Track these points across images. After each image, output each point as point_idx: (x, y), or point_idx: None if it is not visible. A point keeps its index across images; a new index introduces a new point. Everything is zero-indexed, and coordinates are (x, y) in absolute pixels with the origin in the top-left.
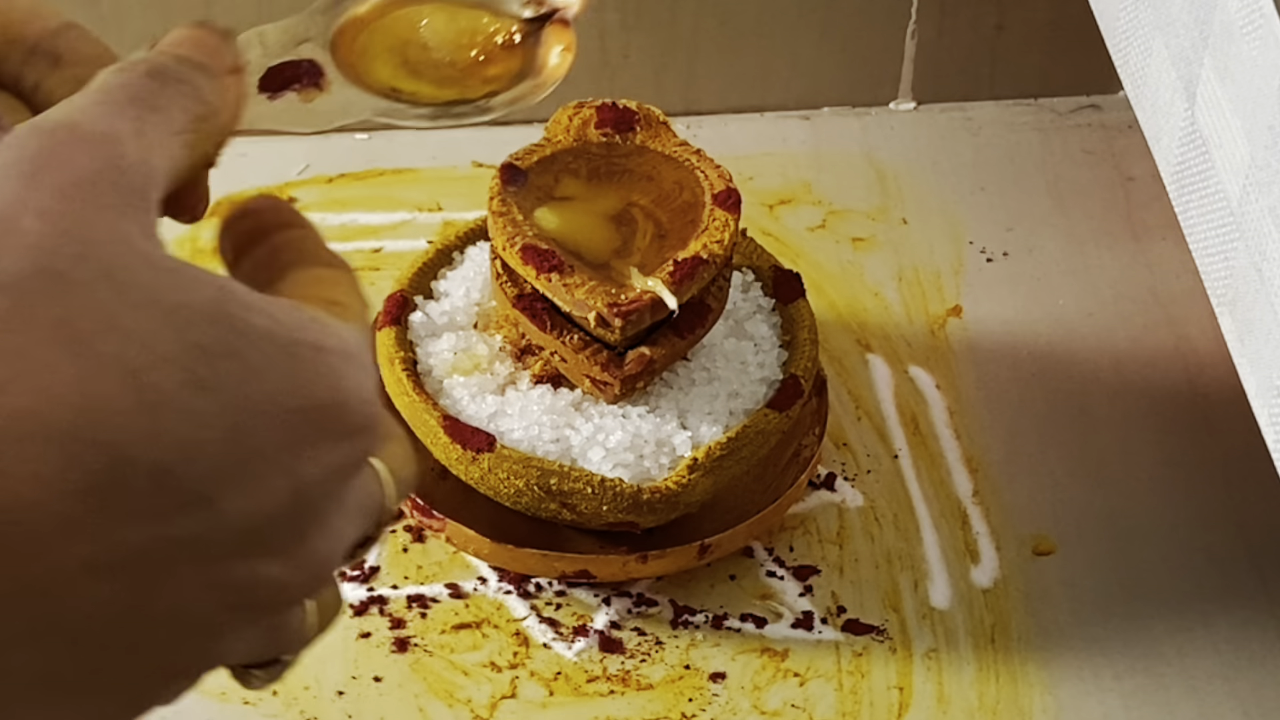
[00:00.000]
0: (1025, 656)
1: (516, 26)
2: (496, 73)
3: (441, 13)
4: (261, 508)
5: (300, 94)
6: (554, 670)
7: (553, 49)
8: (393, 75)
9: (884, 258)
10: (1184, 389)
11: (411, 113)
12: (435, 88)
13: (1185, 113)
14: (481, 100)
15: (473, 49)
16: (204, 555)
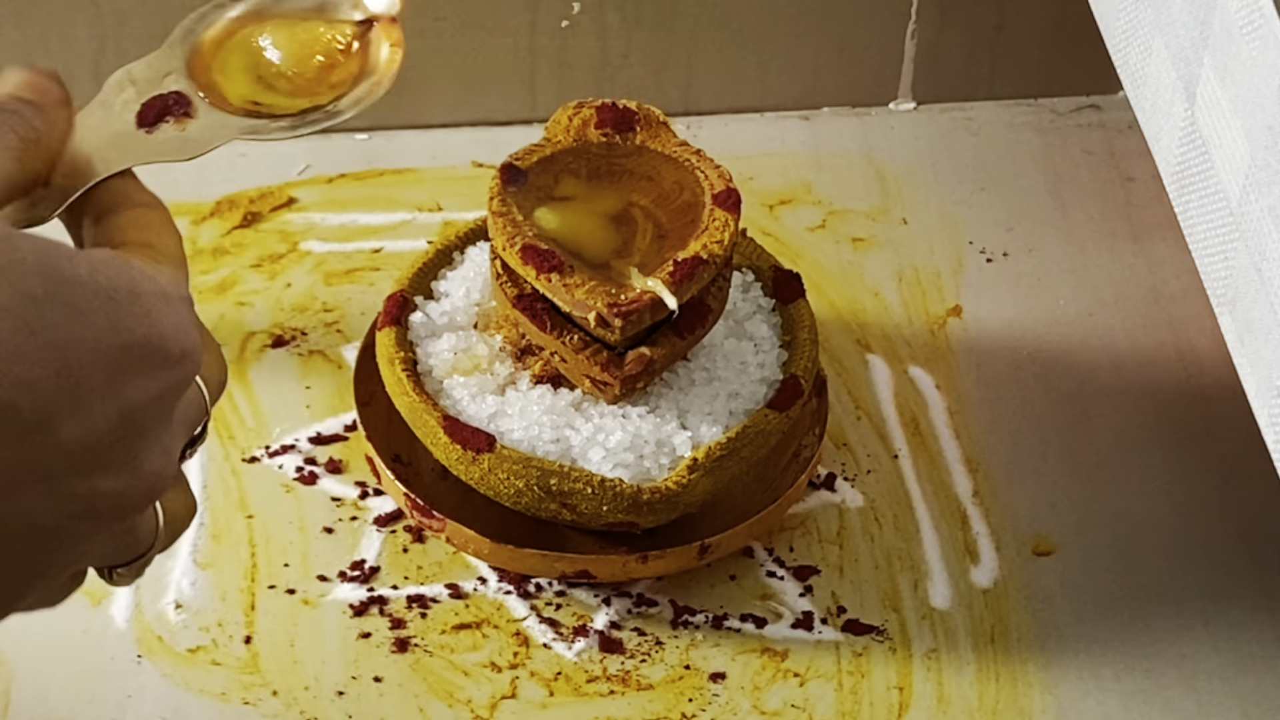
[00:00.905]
0: (1025, 656)
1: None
2: (340, 77)
3: (282, 29)
4: (93, 431)
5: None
6: (554, 670)
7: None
8: (250, 90)
9: (884, 258)
10: (1184, 389)
11: (274, 126)
12: (289, 98)
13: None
14: (331, 105)
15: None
16: (46, 473)
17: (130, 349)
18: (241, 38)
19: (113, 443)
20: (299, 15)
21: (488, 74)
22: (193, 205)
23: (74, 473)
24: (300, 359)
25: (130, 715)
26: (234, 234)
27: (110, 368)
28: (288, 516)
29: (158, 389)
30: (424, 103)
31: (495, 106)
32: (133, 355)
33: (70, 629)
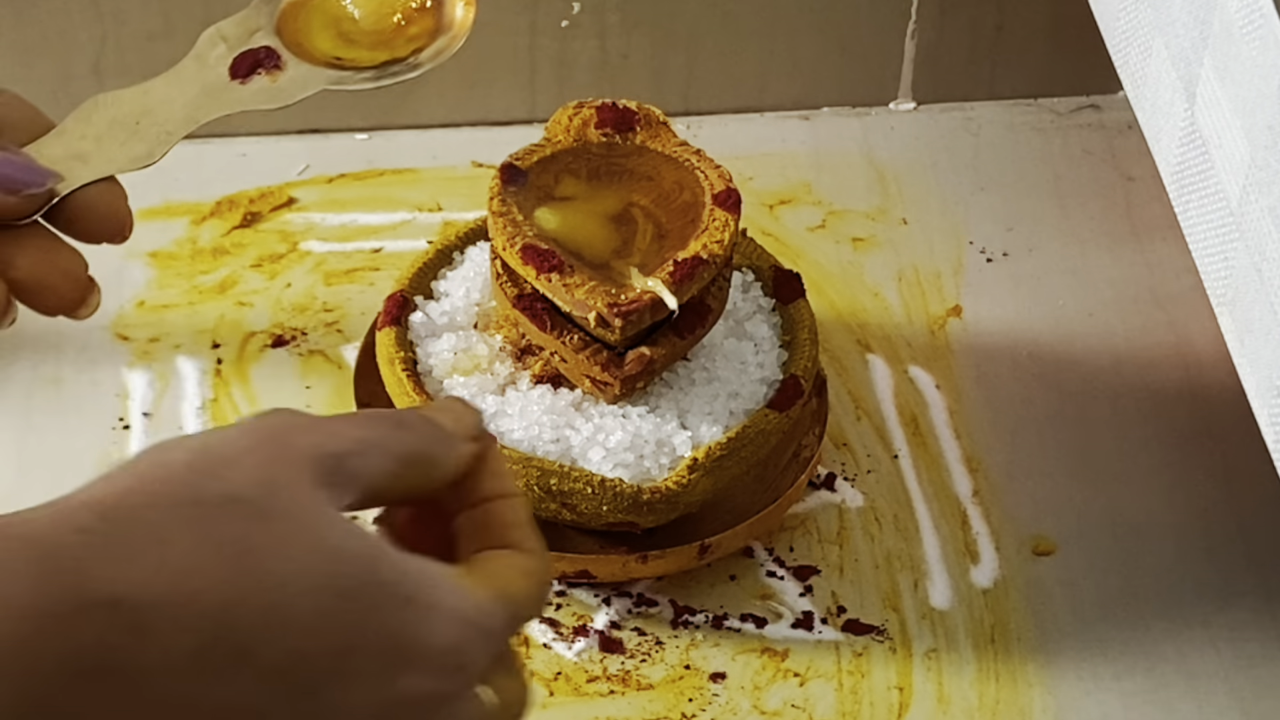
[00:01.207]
0: (1025, 656)
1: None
2: (416, 31)
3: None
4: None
5: (266, 75)
6: (554, 670)
7: (458, 4)
8: (333, 46)
9: (884, 258)
10: (1184, 389)
11: (357, 78)
12: (370, 51)
13: (1185, 113)
14: (410, 58)
15: (393, 14)
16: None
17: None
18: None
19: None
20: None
21: (488, 74)
22: (193, 205)
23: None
24: (300, 359)
25: None
26: (234, 234)
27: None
28: None
29: (424, 693)
30: (424, 103)
31: (495, 106)
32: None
33: None
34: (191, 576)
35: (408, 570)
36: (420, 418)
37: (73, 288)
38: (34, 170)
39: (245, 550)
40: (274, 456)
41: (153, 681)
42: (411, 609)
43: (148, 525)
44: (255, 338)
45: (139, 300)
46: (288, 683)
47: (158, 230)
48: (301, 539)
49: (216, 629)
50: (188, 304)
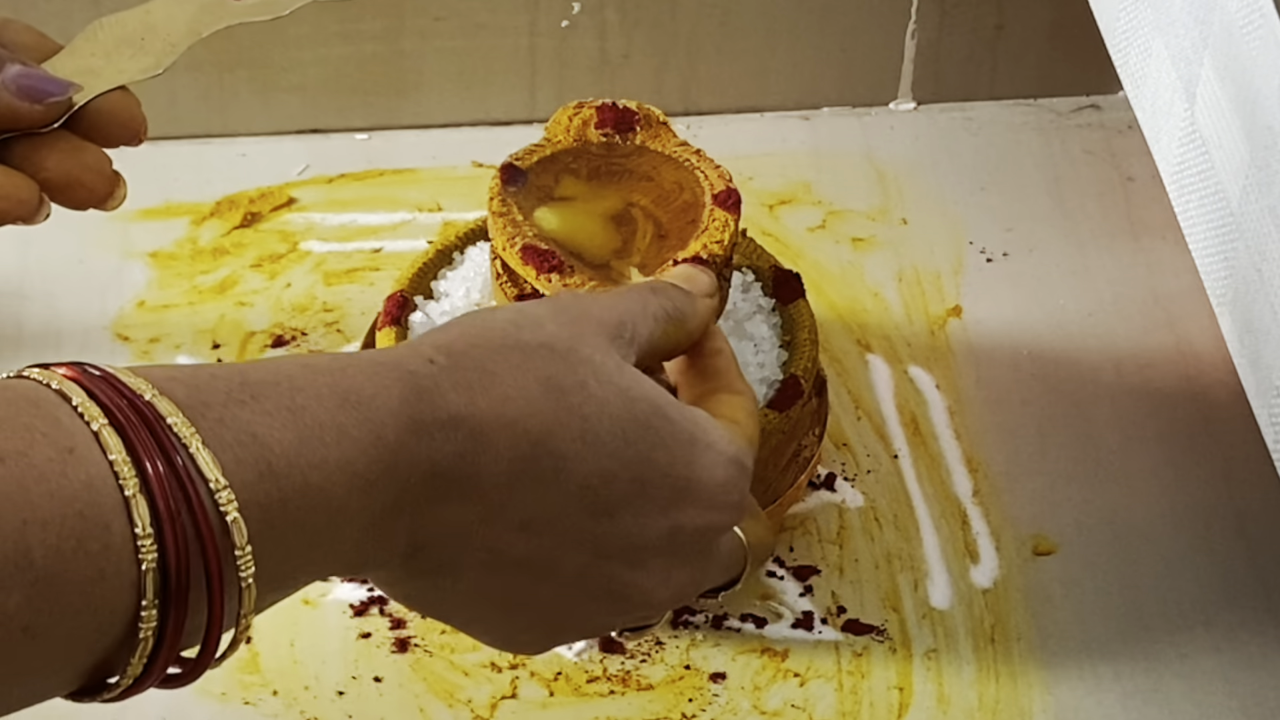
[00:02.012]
0: (1025, 656)
1: None
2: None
3: None
4: (645, 532)
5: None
6: (554, 670)
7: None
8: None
9: (884, 258)
10: (1184, 389)
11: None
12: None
13: (1185, 113)
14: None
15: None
16: (599, 549)
17: (691, 483)
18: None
19: (658, 550)
20: None
21: (488, 74)
22: (193, 205)
23: (620, 558)
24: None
25: (130, 715)
26: (234, 234)
27: (672, 491)
28: None
29: (703, 523)
30: (424, 103)
31: (495, 106)
32: (691, 489)
33: None
34: (515, 403)
35: (686, 413)
36: (668, 284)
37: (101, 181)
38: (54, 81)
39: (557, 386)
40: (574, 318)
41: (487, 486)
42: (694, 447)
43: (481, 362)
44: (255, 338)
45: (139, 300)
46: (593, 499)
47: (158, 230)
48: (603, 379)
49: (537, 446)
50: (188, 304)
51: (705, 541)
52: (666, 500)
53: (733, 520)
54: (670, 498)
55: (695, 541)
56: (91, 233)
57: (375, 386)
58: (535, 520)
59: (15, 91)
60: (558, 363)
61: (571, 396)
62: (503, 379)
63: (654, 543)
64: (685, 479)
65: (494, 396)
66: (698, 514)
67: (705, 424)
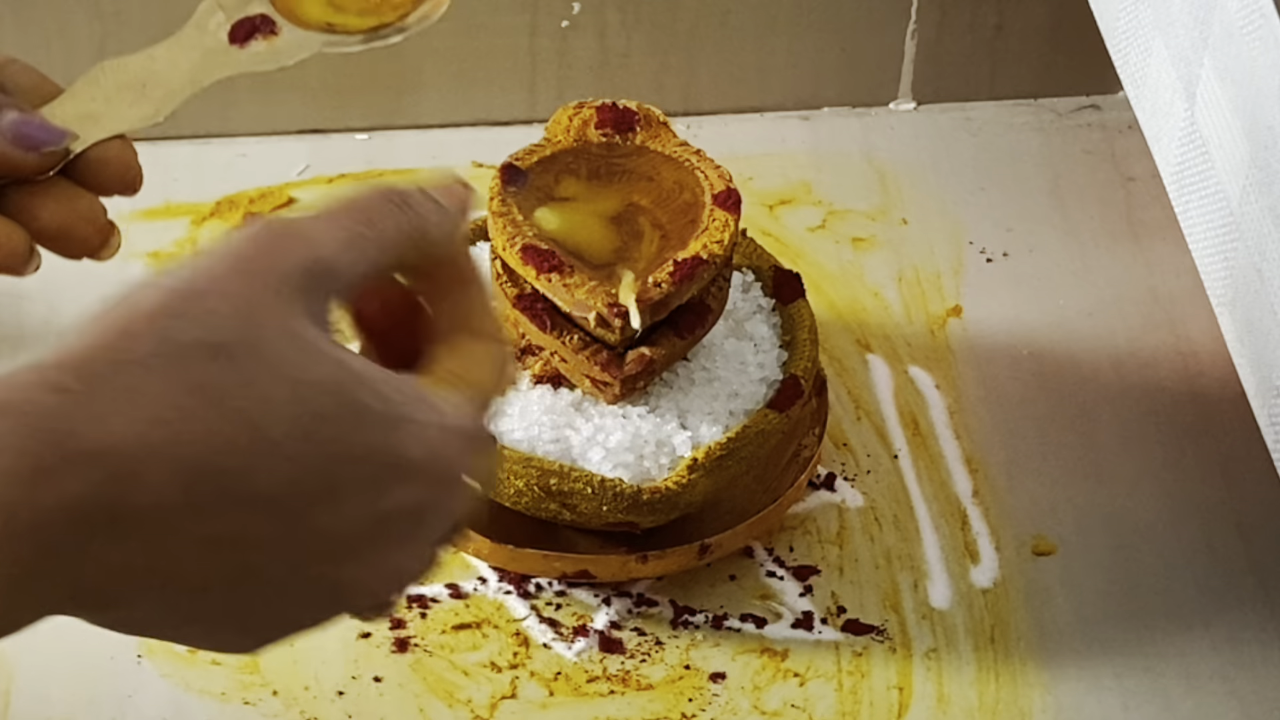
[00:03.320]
0: (1025, 656)
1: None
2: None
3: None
4: (347, 526)
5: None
6: (554, 670)
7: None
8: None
9: (884, 258)
10: (1184, 389)
11: (349, 41)
12: (359, 18)
13: (1185, 113)
14: (396, 23)
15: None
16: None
17: (393, 467)
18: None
19: (364, 540)
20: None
21: (488, 74)
22: (193, 206)
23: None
24: None
25: (130, 715)
26: None
27: (372, 478)
28: None
29: (413, 503)
30: (424, 103)
31: (495, 106)
32: (396, 471)
33: (70, 629)
34: (165, 427)
35: (383, 390)
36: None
37: (94, 232)
38: (51, 129)
39: (219, 393)
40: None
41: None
42: (386, 426)
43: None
44: None
45: None
46: (278, 508)
47: (158, 231)
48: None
49: (201, 468)
50: None
51: (424, 519)
52: (365, 489)
53: (446, 493)
54: (370, 485)
55: (408, 522)
56: None
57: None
58: (215, 539)
59: (11, 139)
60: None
61: (234, 401)
62: (148, 396)
63: (360, 535)
64: (384, 463)
65: (138, 420)
66: (405, 494)
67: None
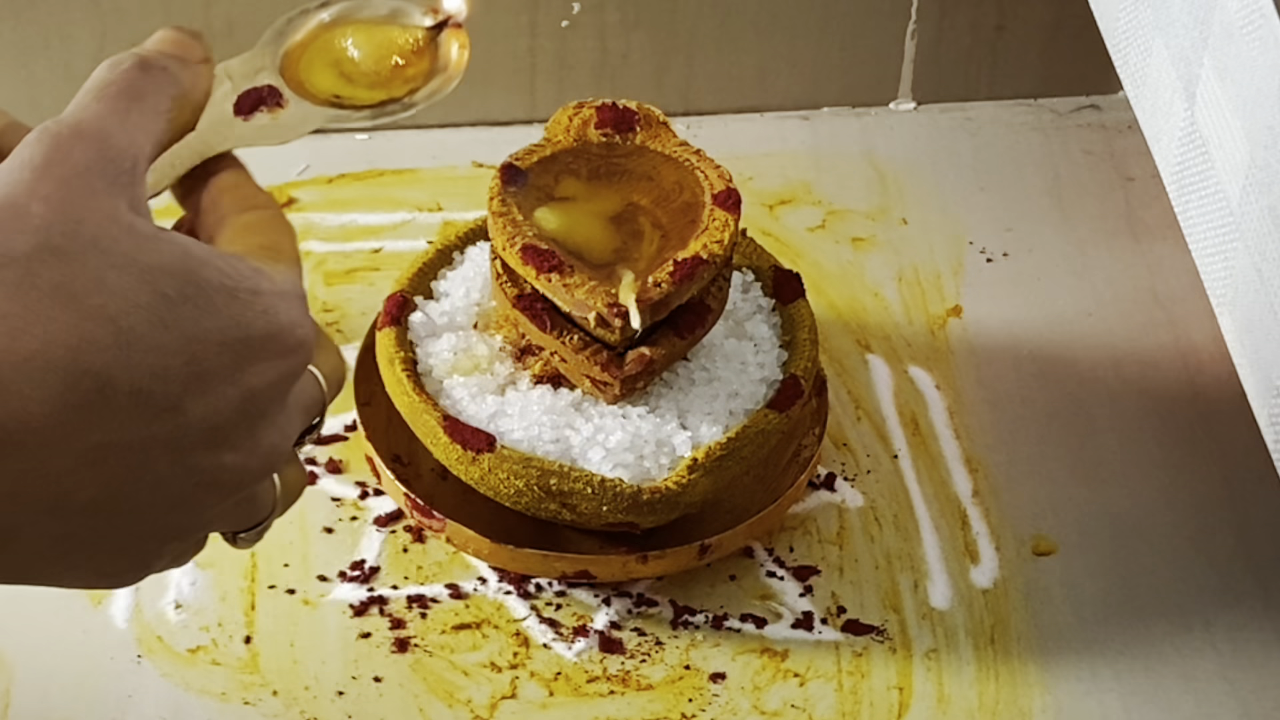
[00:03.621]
0: (1025, 657)
1: (421, 34)
2: (413, 73)
3: (362, 31)
4: (218, 411)
5: (268, 112)
6: (554, 670)
7: (453, 47)
8: (333, 85)
9: (884, 258)
10: (1184, 389)
11: (356, 115)
12: (369, 91)
13: (1185, 113)
14: (406, 97)
15: (391, 56)
16: (176, 447)
17: (251, 341)
18: (326, 39)
19: (236, 422)
20: (377, 21)
21: (488, 74)
22: None
23: (201, 447)
24: None
25: (130, 715)
26: None
27: (234, 357)
28: (288, 516)
29: (275, 375)
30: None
31: (495, 106)
32: (253, 346)
33: (70, 629)
34: (28, 336)
35: (220, 266)
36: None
37: None
38: None
39: (69, 294)
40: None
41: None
42: (239, 301)
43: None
44: None
45: None
46: (150, 402)
47: None
48: (120, 263)
49: (68, 373)
50: None
51: (282, 391)
52: (230, 369)
53: (304, 360)
54: (233, 364)
55: (273, 396)
56: None
57: None
58: (96, 449)
59: None
60: (63, 263)
61: (91, 299)
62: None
63: (231, 417)
64: (243, 340)
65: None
66: (268, 368)
67: (242, 269)
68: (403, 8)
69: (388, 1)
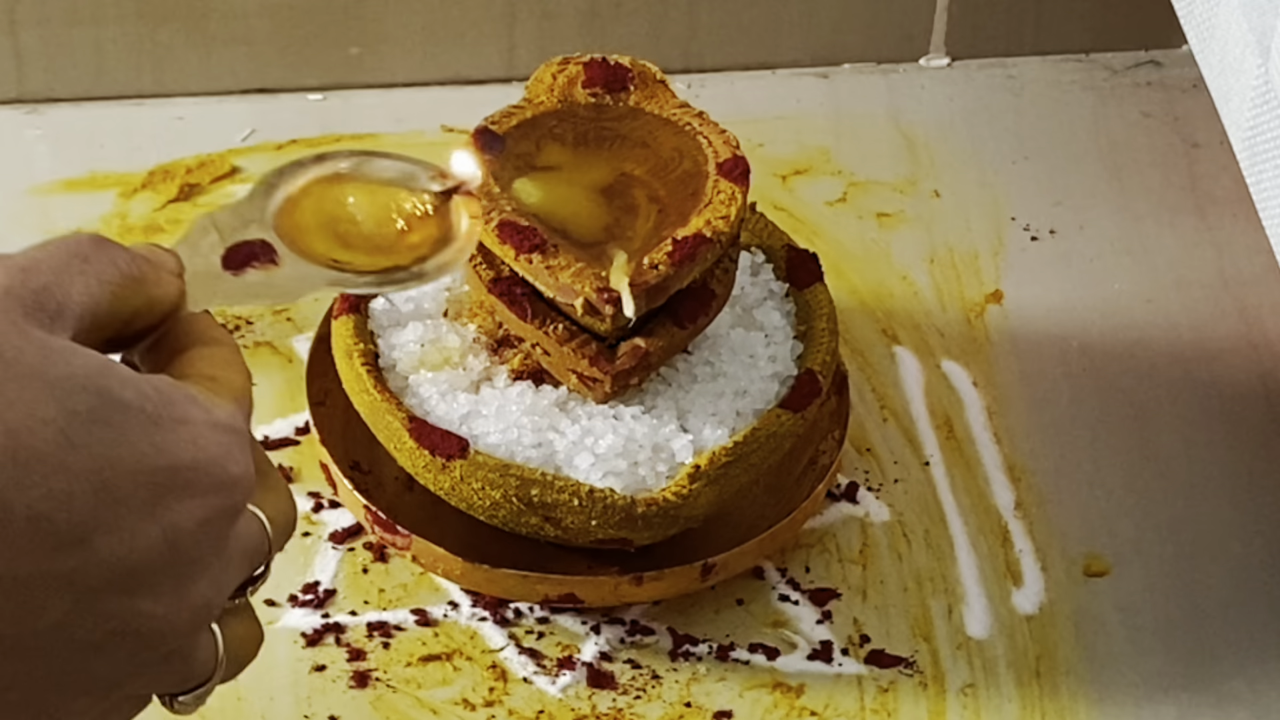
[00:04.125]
0: (1075, 692)
1: (429, 199)
2: (418, 240)
3: (363, 191)
4: (134, 550)
5: (260, 269)
6: (535, 708)
7: (463, 216)
8: (328, 248)
9: (913, 236)
10: (1256, 385)
11: (359, 281)
12: (368, 257)
13: (1259, 70)
14: (414, 266)
15: (395, 221)
16: (80, 586)
17: (174, 471)
18: (322, 195)
19: (156, 565)
20: (380, 181)
21: (459, 24)
22: (123, 176)
23: (112, 590)
24: (245, 351)
25: None
26: (169, 208)
27: (153, 489)
28: None
29: (204, 514)
30: (386, 58)
31: (468, 62)
32: (177, 478)
33: None
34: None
35: (143, 388)
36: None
37: None
38: None
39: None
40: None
41: None
42: (161, 427)
43: None
44: None
45: None
46: (52, 530)
47: (82, 204)
48: (20, 376)
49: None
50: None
51: (215, 534)
52: (147, 502)
53: (241, 499)
54: (151, 498)
55: (203, 539)
56: (5, 208)
57: None
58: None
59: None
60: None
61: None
62: None
63: (149, 558)
64: (164, 469)
65: None
66: (195, 505)
67: (170, 393)
68: (408, 170)
69: (390, 161)
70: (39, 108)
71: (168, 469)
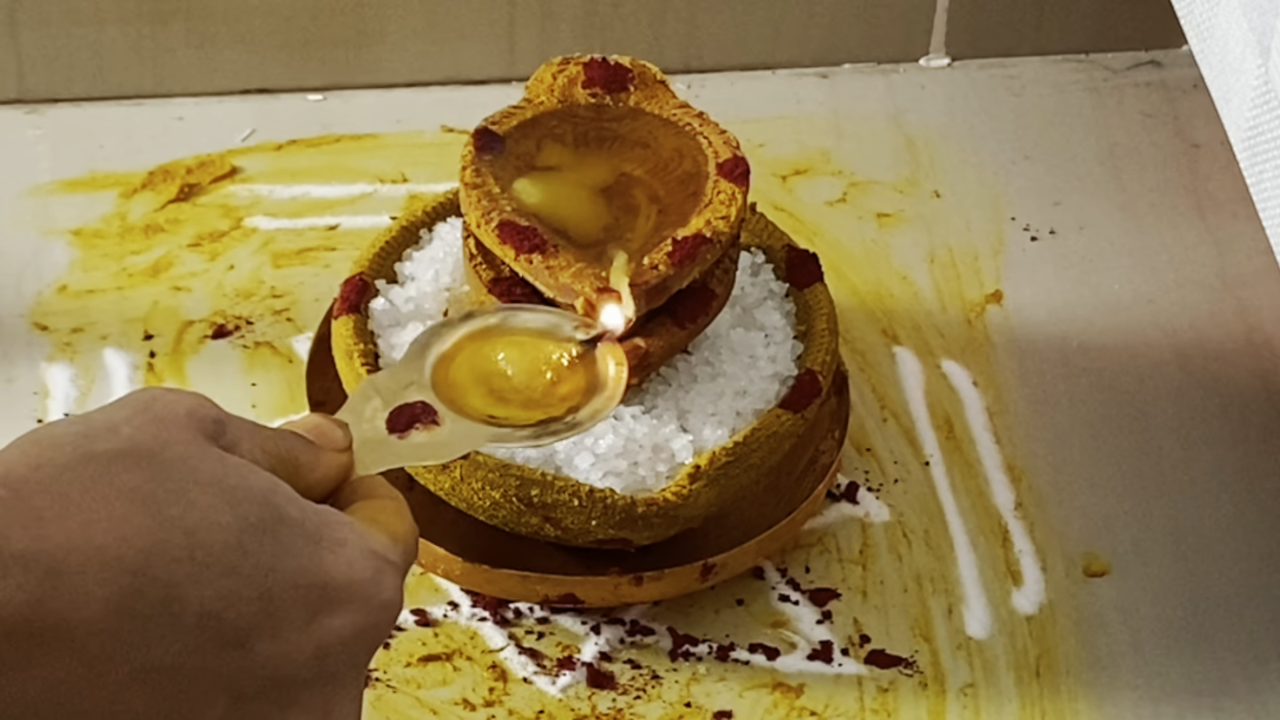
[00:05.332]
0: (1075, 693)
1: (575, 349)
2: (567, 390)
3: (513, 346)
4: (288, 659)
5: (424, 430)
6: (535, 708)
7: (609, 363)
8: (484, 404)
9: (913, 236)
10: (1257, 386)
11: (518, 435)
12: (523, 410)
13: (1259, 70)
14: (568, 416)
15: (545, 373)
16: (238, 692)
17: (329, 589)
18: (474, 352)
19: (306, 680)
20: (527, 334)
21: (460, 25)
22: (122, 176)
23: (265, 699)
24: (245, 352)
25: None
26: (169, 209)
27: (308, 604)
28: None
29: (351, 633)
30: (387, 59)
31: (468, 62)
32: (330, 596)
33: None
34: (100, 527)
35: (308, 509)
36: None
37: None
38: None
39: (147, 498)
40: (157, 417)
41: (82, 633)
42: (322, 547)
43: (49, 485)
44: (193, 327)
45: (60, 284)
46: (217, 628)
47: (82, 204)
48: (201, 482)
49: (138, 574)
50: (116, 289)
51: (360, 654)
52: (304, 616)
53: (387, 624)
54: (308, 610)
55: (350, 657)
56: (5, 208)
57: None
58: (152, 666)
59: None
60: (144, 469)
61: (169, 508)
62: (79, 501)
63: (301, 672)
64: (320, 585)
65: (71, 524)
66: (345, 623)
67: (332, 519)
68: (553, 320)
69: (534, 314)
70: (39, 108)
71: (323, 585)
